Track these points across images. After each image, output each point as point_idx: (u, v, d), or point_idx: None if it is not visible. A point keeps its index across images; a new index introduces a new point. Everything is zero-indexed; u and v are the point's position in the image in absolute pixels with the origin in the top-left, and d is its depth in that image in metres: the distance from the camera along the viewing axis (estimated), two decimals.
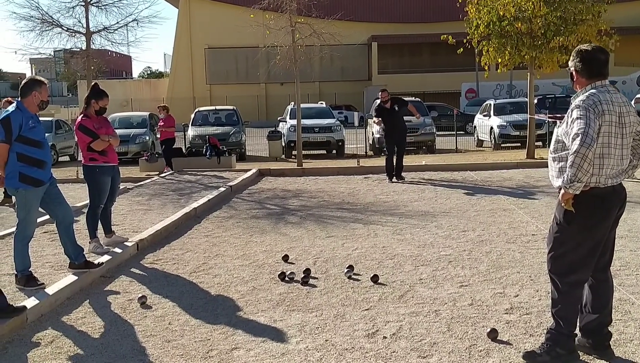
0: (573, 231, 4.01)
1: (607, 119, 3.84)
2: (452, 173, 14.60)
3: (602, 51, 4.07)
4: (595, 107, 3.83)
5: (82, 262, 6.28)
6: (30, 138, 5.76)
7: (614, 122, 3.88)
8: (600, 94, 3.91)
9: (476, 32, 16.33)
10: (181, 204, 10.75)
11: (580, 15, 15.59)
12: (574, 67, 4.08)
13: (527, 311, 5.04)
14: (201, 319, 5.16)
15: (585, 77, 4.03)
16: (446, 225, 8.60)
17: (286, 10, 16.49)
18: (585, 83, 4.02)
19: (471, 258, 6.80)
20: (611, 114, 3.87)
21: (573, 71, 4.10)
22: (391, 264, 6.67)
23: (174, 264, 7.01)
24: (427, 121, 21.76)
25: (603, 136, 3.85)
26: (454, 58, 20.52)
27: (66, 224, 6.20)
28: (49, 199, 6.07)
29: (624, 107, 3.97)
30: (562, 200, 3.93)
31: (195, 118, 22.99)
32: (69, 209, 6.33)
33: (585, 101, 3.88)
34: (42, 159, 5.87)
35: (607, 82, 4.03)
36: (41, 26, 18.83)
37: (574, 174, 3.75)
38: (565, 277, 4.08)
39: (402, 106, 13.21)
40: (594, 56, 4.02)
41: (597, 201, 3.94)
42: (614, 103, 3.91)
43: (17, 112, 5.75)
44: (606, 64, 4.05)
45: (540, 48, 15.77)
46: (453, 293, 5.58)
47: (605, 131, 3.86)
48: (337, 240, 7.92)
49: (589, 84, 4.01)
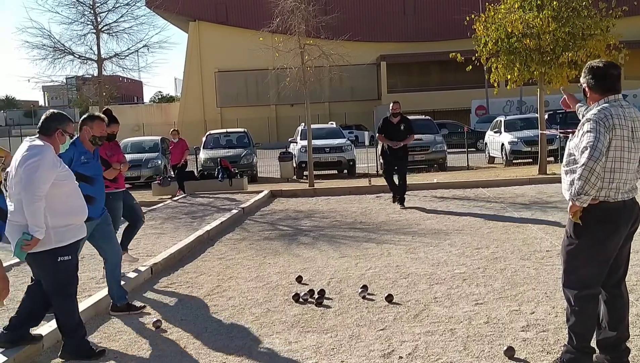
0: (583, 245, 4.01)
1: (618, 133, 3.86)
2: (464, 190, 14.56)
3: (614, 66, 4.11)
4: (606, 120, 3.85)
5: (124, 305, 6.13)
6: (80, 173, 5.70)
7: (625, 137, 3.90)
8: (612, 108, 3.93)
9: (484, 50, 16.36)
10: (194, 228, 10.78)
11: (588, 30, 15.60)
12: (586, 83, 4.11)
13: (544, 329, 5.00)
14: (216, 342, 5.15)
15: (598, 93, 4.05)
16: (459, 243, 8.57)
17: (295, 33, 16.61)
18: (599, 98, 4.04)
19: (486, 275, 6.76)
20: (622, 129, 3.88)
21: (586, 87, 4.12)
22: (405, 283, 6.64)
23: (188, 287, 7.02)
24: (438, 138, 21.76)
25: (615, 150, 3.88)
26: (463, 75, 20.56)
27: (112, 264, 6.14)
28: (98, 236, 6.03)
29: (637, 122, 3.98)
30: (570, 213, 3.95)
31: (206, 141, 23.12)
32: (117, 249, 6.27)
33: (597, 115, 3.90)
34: (92, 195, 5.81)
35: (620, 96, 4.05)
36: (53, 54, 19.12)
37: (581, 187, 3.79)
38: (578, 292, 4.05)
39: (408, 128, 12.40)
40: (606, 71, 4.05)
41: (606, 215, 3.94)
42: (626, 118, 3.93)
43: (71, 148, 5.84)
44: (619, 78, 4.08)
45: (549, 64, 15.77)
46: (468, 312, 5.54)
47: (617, 145, 3.88)
48: (351, 259, 7.91)
49: (602, 99, 4.02)
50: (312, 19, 17.01)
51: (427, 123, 23.05)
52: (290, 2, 16.43)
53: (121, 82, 36.44)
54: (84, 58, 19.58)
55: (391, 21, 51.86)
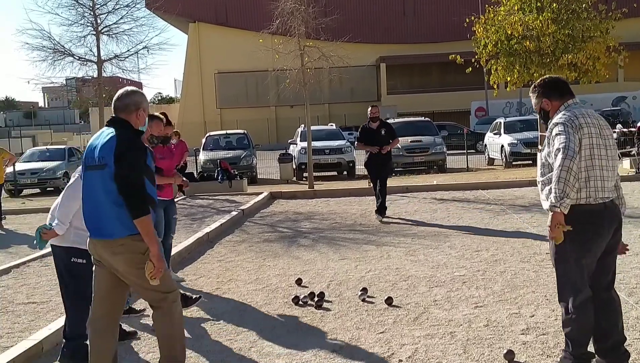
0: (568, 248, 3.97)
1: (586, 131, 3.91)
2: (463, 192, 14.56)
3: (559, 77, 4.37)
4: (572, 121, 3.91)
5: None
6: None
7: (594, 134, 3.93)
8: (575, 110, 4.02)
9: (484, 52, 16.39)
10: (193, 229, 10.77)
11: (588, 33, 15.64)
12: (544, 96, 4.18)
13: (544, 332, 5.00)
14: (215, 345, 5.15)
15: (557, 100, 4.14)
16: (459, 245, 8.56)
17: (295, 35, 16.61)
18: (559, 105, 4.12)
19: (485, 278, 6.76)
20: (589, 126, 3.93)
21: (544, 102, 4.18)
22: (405, 286, 6.64)
23: (187, 290, 7.00)
24: (438, 140, 21.76)
25: (585, 149, 3.90)
26: (463, 77, 20.63)
27: None
28: None
29: (602, 121, 4.07)
30: (552, 225, 3.84)
31: (206, 143, 23.11)
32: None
33: (561, 118, 3.98)
34: None
35: (578, 100, 4.15)
36: (53, 56, 19.11)
37: (561, 190, 3.76)
38: (573, 299, 4.02)
39: (389, 133, 11.35)
40: (556, 80, 4.26)
41: (588, 217, 3.93)
42: (590, 116, 4.01)
43: None
44: (568, 85, 4.23)
45: (549, 66, 15.79)
46: (468, 314, 5.54)
47: (587, 144, 3.91)
48: (350, 262, 7.90)
49: (562, 105, 4.11)
50: (312, 21, 17.01)
51: (426, 125, 23.06)
52: (290, 4, 16.42)
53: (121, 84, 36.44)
54: (84, 60, 19.58)
55: (391, 23, 51.89)
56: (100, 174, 4.01)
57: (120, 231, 3.98)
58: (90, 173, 4.12)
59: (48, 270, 8.37)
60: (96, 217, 4.08)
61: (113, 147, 3.98)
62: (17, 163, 21.17)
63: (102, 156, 4.02)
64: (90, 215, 4.13)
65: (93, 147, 4.13)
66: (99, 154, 4.04)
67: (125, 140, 4.01)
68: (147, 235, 3.93)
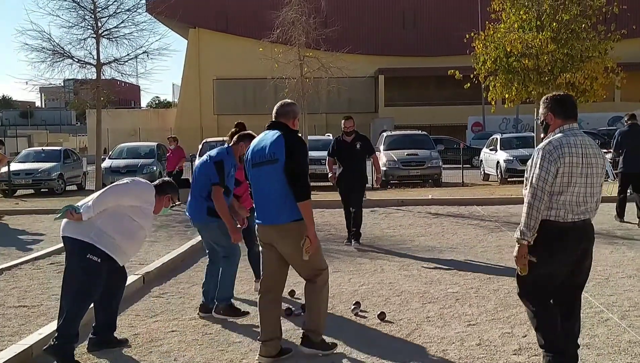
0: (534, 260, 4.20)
1: (567, 161, 4.10)
2: (458, 207, 14.57)
3: (570, 96, 4.51)
4: (551, 154, 4.11)
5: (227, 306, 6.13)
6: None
7: (575, 164, 4.12)
8: (569, 136, 4.19)
9: (483, 68, 16.46)
10: (187, 237, 10.75)
11: (587, 53, 15.72)
12: (550, 110, 4.32)
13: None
14: (207, 355, 5.12)
15: (561, 119, 4.28)
16: (453, 261, 8.55)
17: (295, 44, 16.67)
18: (560, 124, 4.27)
19: (479, 295, 6.75)
20: (572, 156, 4.11)
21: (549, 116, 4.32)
22: (398, 301, 6.63)
23: (180, 297, 6.99)
24: (434, 154, 21.82)
25: (562, 176, 4.10)
26: (461, 91, 20.64)
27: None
28: None
29: (592, 149, 4.22)
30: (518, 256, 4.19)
31: (203, 149, 23.04)
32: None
33: (545, 147, 4.17)
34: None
35: (575, 125, 4.30)
36: (52, 57, 19.12)
37: (528, 225, 4.11)
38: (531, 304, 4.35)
39: (365, 147, 10.05)
40: (567, 99, 4.38)
41: (554, 233, 4.17)
42: (578, 146, 4.16)
43: (229, 157, 6.16)
44: (576, 108, 4.37)
45: (547, 84, 15.87)
46: (460, 332, 5.53)
47: (565, 172, 4.10)
48: (344, 275, 7.89)
49: (562, 125, 4.27)
50: (312, 31, 17.08)
51: (423, 138, 23.11)
52: (292, 14, 16.51)
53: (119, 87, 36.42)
54: (83, 62, 19.59)
55: (390, 35, 52.05)
56: (273, 168, 4.76)
57: (287, 217, 4.76)
58: (259, 168, 4.87)
59: (40, 273, 8.34)
60: (267, 205, 4.86)
61: (282, 144, 4.74)
62: (12, 163, 21.12)
63: (273, 152, 4.77)
64: (262, 204, 4.91)
65: (261, 146, 4.88)
66: (270, 151, 4.78)
67: (293, 139, 4.83)
68: (308, 216, 4.77)
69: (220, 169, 5.99)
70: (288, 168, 4.70)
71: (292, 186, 4.70)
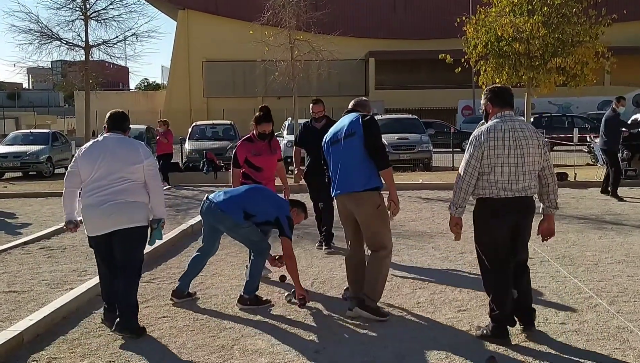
0: (476, 232, 5.03)
1: (492, 144, 4.72)
2: (448, 191, 14.58)
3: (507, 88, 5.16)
4: (477, 139, 4.78)
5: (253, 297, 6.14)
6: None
7: (499, 146, 4.72)
8: (503, 122, 4.79)
9: (474, 52, 16.43)
10: (178, 221, 10.72)
11: (578, 37, 15.72)
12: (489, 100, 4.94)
13: (526, 339, 5.02)
14: (198, 341, 5.12)
15: (498, 108, 4.90)
16: (444, 246, 8.59)
17: (286, 27, 16.56)
18: (497, 112, 4.88)
19: (469, 281, 6.78)
20: (497, 140, 4.72)
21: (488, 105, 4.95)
22: (389, 286, 6.62)
23: (171, 283, 6.97)
24: (424, 138, 21.82)
25: (489, 158, 4.74)
26: (452, 75, 20.59)
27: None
28: None
29: (521, 133, 4.77)
30: (451, 225, 5.08)
31: (192, 132, 23.00)
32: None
33: (474, 135, 4.84)
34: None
35: (511, 112, 4.89)
36: (40, 39, 18.93)
37: (458, 200, 4.93)
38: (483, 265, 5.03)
39: None
40: (504, 90, 5.01)
41: (488, 208, 4.85)
42: (504, 130, 4.74)
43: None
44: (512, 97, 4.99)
45: (537, 69, 15.88)
46: (451, 318, 5.56)
47: (490, 154, 4.73)
48: (335, 260, 7.90)
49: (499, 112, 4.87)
50: (303, 14, 16.97)
51: (413, 122, 23.10)
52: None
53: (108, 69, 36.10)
54: (71, 44, 19.39)
55: (381, 18, 51.84)
56: (350, 141, 5.45)
57: (362, 185, 5.39)
58: (339, 144, 5.56)
59: (30, 257, 8.30)
60: (345, 176, 5.50)
61: (360, 122, 5.47)
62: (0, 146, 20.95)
63: (351, 128, 5.49)
64: (341, 176, 5.53)
65: (340, 126, 5.64)
66: (348, 128, 5.51)
67: (371, 118, 5.56)
68: (390, 182, 5.48)
69: (292, 226, 6.05)
70: (368, 142, 5.38)
71: (374, 157, 5.38)
